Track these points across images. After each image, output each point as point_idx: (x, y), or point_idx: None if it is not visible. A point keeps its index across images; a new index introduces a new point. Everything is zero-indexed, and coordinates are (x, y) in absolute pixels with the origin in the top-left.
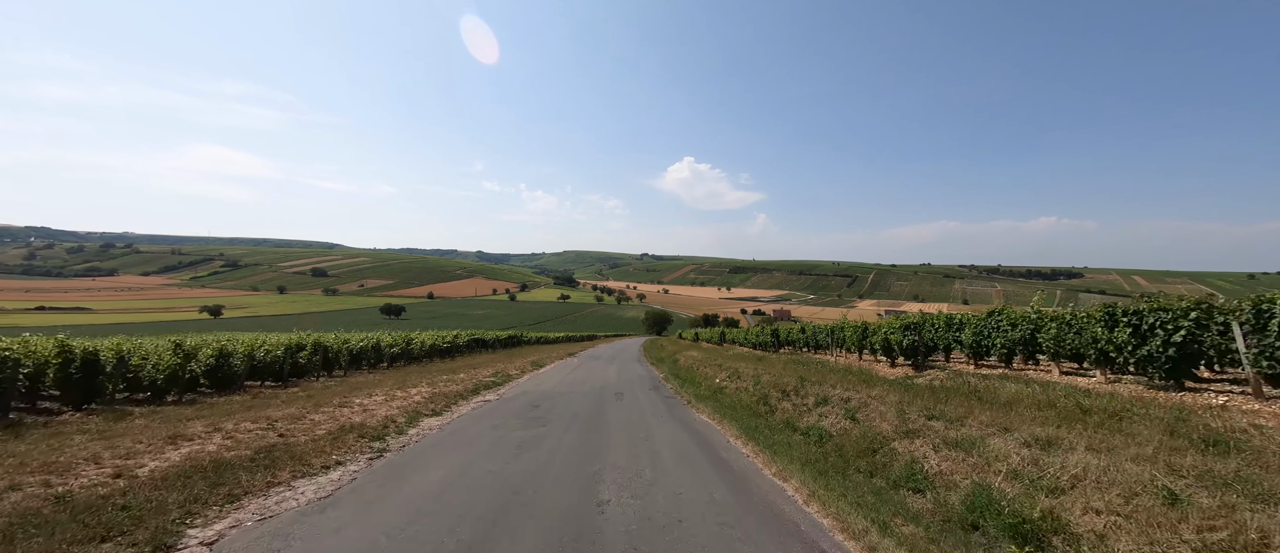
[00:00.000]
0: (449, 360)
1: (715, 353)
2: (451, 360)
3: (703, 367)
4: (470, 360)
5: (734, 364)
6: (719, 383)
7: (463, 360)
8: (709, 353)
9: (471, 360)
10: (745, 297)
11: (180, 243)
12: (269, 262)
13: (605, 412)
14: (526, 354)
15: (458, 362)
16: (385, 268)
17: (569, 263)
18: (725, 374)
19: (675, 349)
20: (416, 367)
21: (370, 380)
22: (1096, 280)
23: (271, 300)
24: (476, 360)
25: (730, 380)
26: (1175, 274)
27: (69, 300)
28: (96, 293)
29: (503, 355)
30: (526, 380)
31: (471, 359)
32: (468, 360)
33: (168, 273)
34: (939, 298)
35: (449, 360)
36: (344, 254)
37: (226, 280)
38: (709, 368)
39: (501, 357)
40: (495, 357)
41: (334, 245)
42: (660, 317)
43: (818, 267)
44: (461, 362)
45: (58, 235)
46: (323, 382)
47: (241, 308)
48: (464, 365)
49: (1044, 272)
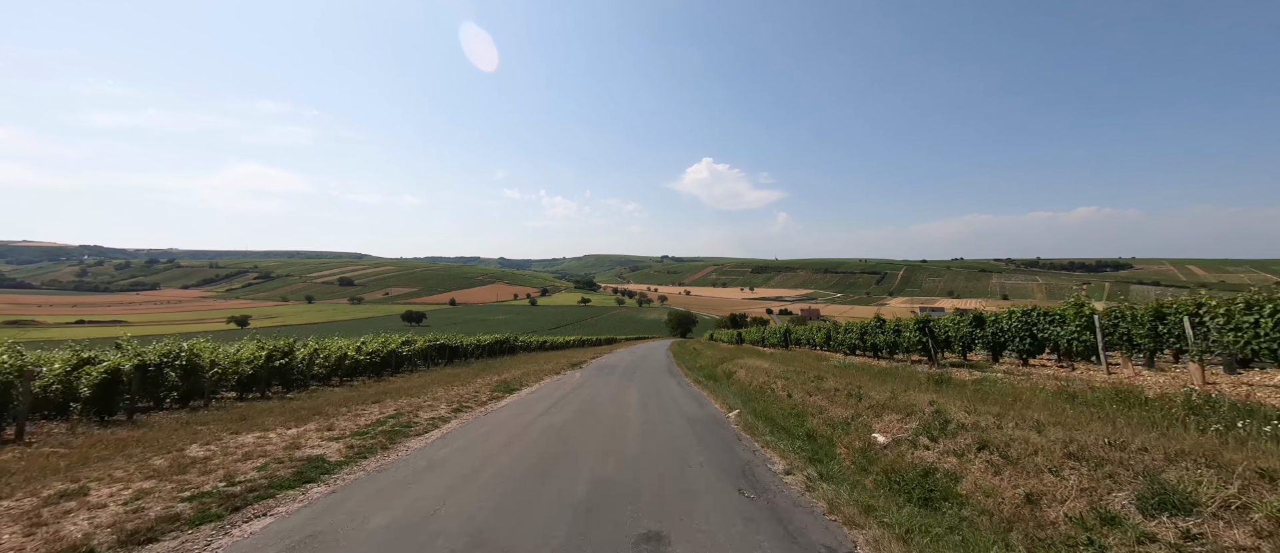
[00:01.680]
0: (374, 383)
1: (794, 361)
2: (378, 381)
3: (803, 390)
4: (402, 383)
5: (881, 389)
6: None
7: (394, 383)
8: (784, 362)
9: (405, 382)
10: (769, 296)
11: (218, 257)
12: (299, 273)
13: None
14: (507, 368)
15: (381, 386)
16: (409, 276)
17: (589, 267)
18: (897, 416)
19: (720, 356)
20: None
21: None
22: (1147, 271)
23: (299, 310)
24: (412, 382)
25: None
26: (1236, 263)
27: (109, 314)
28: (136, 307)
29: (476, 368)
30: (424, 448)
31: (406, 380)
32: (399, 384)
33: (205, 286)
34: (976, 294)
35: (374, 383)
36: (371, 264)
37: (259, 292)
38: (822, 397)
39: (469, 372)
40: (452, 374)
41: (362, 256)
42: (684, 318)
43: (844, 265)
44: (382, 387)
45: (108, 253)
46: None
47: (270, 318)
48: (379, 394)
49: (1088, 264)
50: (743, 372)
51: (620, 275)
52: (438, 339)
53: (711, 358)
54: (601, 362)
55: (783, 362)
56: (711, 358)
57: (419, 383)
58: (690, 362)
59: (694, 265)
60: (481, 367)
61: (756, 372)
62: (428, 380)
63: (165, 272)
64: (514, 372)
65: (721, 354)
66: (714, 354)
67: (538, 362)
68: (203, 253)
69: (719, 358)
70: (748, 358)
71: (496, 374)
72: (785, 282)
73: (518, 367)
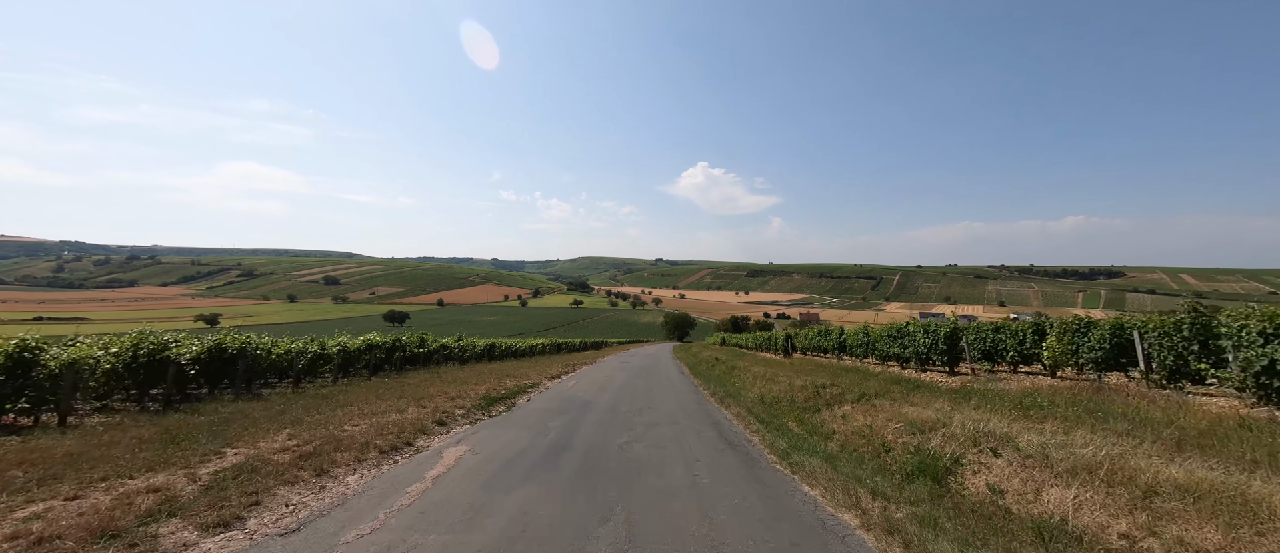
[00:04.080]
0: (253, 403)
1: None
2: (261, 400)
3: None
4: (267, 411)
5: None
6: None
7: (252, 410)
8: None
9: (266, 408)
10: (765, 300)
11: (202, 254)
12: (284, 271)
13: None
14: (430, 391)
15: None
16: (397, 276)
17: (583, 269)
18: None
19: (765, 372)
20: None
21: None
22: (1141, 279)
23: (277, 309)
24: (262, 411)
25: None
26: (1227, 272)
27: (75, 311)
28: (106, 304)
29: (400, 387)
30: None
31: (264, 406)
32: (259, 411)
33: (185, 283)
34: (972, 299)
35: (253, 403)
36: (359, 263)
37: (240, 290)
38: None
39: (383, 392)
40: (366, 392)
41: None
42: (682, 320)
43: (840, 269)
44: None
45: (90, 249)
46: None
47: (245, 317)
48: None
49: (1081, 271)
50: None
51: (614, 278)
52: (372, 340)
53: (744, 371)
54: (582, 374)
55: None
56: (744, 371)
57: (265, 415)
58: (710, 374)
59: (689, 269)
60: (387, 390)
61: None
62: (272, 413)
63: (145, 269)
64: (452, 390)
65: (770, 369)
66: (736, 362)
67: (472, 382)
68: (188, 250)
69: (762, 373)
70: (823, 378)
71: (403, 401)
72: (781, 286)
73: (449, 387)
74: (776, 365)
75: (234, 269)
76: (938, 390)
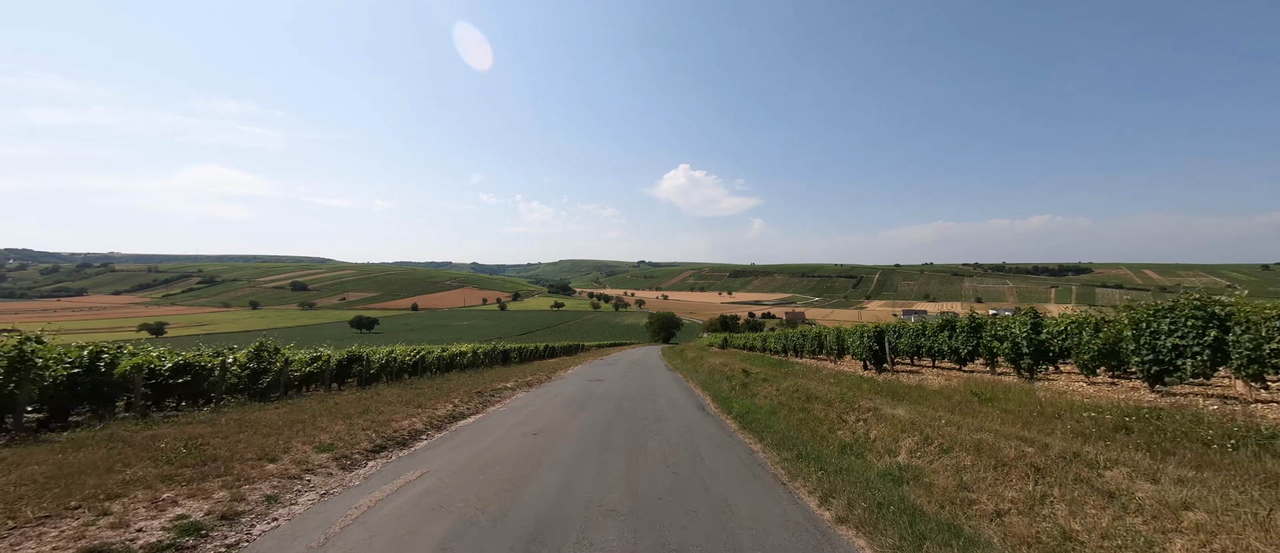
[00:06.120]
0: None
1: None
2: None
3: None
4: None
5: None
6: None
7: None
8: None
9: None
10: (749, 300)
11: (163, 261)
12: (248, 277)
13: None
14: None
15: None
16: (370, 281)
17: (565, 272)
18: None
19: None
20: None
21: None
22: (1108, 275)
23: (236, 316)
24: None
25: None
26: (1187, 267)
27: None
28: (46, 314)
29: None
30: None
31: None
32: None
33: (140, 291)
34: (950, 297)
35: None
36: (330, 268)
37: (200, 297)
38: None
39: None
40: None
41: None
42: (667, 321)
43: (820, 269)
44: None
45: (37, 257)
46: None
47: (199, 325)
48: None
49: (1051, 267)
50: None
51: (597, 280)
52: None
53: (832, 394)
54: (506, 409)
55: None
56: (832, 394)
57: None
58: (740, 407)
59: (671, 270)
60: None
61: None
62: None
63: (97, 277)
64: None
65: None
66: (803, 387)
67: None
68: (146, 257)
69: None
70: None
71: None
72: (763, 286)
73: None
74: (767, 361)
75: (195, 276)
76: None
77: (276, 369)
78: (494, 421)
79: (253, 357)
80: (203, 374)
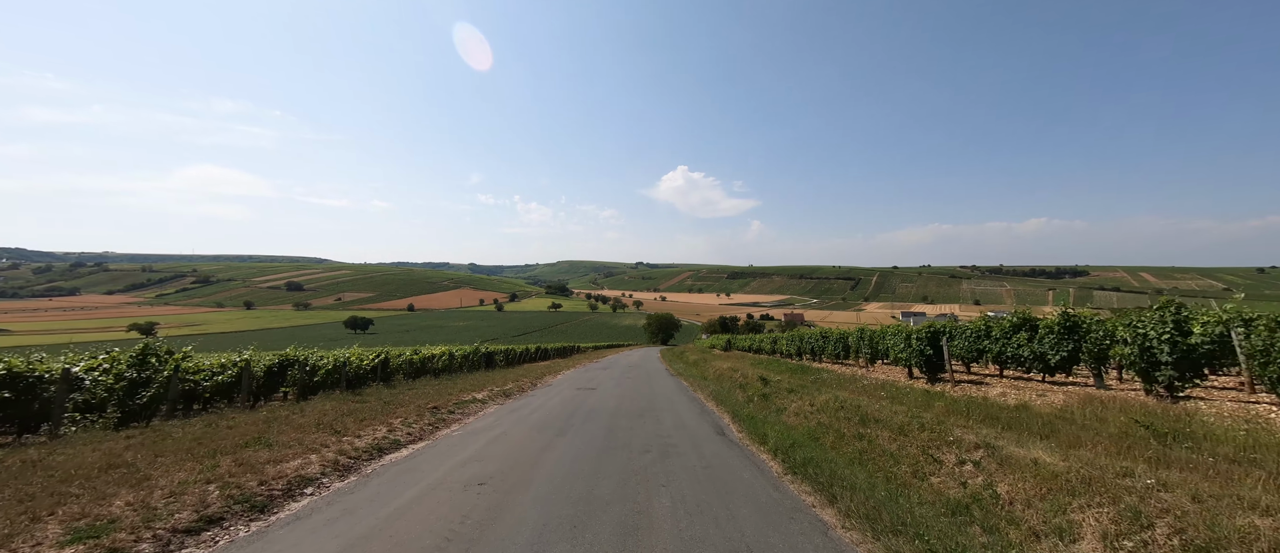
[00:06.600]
0: None
1: None
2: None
3: None
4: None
5: None
6: None
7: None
8: None
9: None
10: (747, 302)
11: (158, 261)
12: (243, 277)
13: None
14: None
15: None
16: (366, 281)
17: (563, 273)
18: None
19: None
20: None
21: None
22: (1105, 278)
23: (230, 317)
24: None
25: None
26: (1183, 270)
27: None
28: (36, 314)
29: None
30: None
31: None
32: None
33: (134, 291)
34: (948, 299)
35: None
36: (326, 268)
37: (194, 297)
38: None
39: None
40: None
41: (320, 260)
42: (666, 322)
43: (818, 271)
44: None
45: (32, 257)
46: None
47: (190, 325)
48: None
49: (1048, 270)
50: None
51: (594, 281)
52: (186, 357)
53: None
54: (463, 432)
55: None
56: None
57: None
58: (764, 427)
59: (669, 271)
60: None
61: None
62: None
63: (90, 276)
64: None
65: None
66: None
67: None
68: (141, 257)
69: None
70: None
71: None
72: (761, 287)
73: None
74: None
75: (189, 275)
76: None
77: (162, 379)
78: (431, 458)
79: (135, 363)
80: (35, 388)
